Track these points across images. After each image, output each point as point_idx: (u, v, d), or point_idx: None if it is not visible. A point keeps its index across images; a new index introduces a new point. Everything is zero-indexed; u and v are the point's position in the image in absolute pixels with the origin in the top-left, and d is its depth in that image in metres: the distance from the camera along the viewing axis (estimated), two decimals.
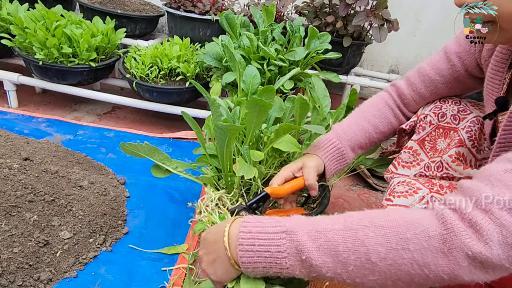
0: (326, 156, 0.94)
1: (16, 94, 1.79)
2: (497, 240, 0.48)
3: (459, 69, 0.89)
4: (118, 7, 1.97)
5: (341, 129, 0.97)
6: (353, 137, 0.96)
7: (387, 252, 0.51)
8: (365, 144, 0.98)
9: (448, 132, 0.90)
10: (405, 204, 0.81)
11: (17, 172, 1.07)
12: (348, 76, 2.11)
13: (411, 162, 0.94)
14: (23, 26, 1.57)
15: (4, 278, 0.86)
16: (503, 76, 0.76)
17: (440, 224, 0.51)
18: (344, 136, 0.96)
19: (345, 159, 0.96)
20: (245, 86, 1.24)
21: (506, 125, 0.69)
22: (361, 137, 0.96)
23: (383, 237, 0.51)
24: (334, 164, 0.95)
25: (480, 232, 0.48)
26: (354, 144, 0.96)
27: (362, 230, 0.53)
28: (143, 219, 1.17)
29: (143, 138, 1.65)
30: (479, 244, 0.48)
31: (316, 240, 0.54)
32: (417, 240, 0.50)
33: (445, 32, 2.26)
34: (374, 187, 1.54)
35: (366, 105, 1.01)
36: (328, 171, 0.95)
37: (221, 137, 0.92)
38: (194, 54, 1.77)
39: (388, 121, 0.98)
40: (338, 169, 0.97)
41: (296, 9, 2.08)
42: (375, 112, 0.98)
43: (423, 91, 0.95)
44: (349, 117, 1.00)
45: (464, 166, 0.84)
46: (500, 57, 0.76)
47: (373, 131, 0.97)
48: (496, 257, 0.48)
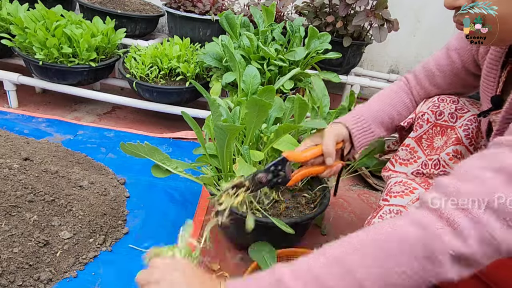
0: (352, 124, 0.90)
1: (16, 94, 1.79)
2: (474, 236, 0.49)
3: (457, 65, 0.90)
4: (118, 7, 1.97)
5: (364, 107, 0.95)
6: (376, 114, 0.94)
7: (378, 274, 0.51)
8: (388, 123, 0.96)
9: (446, 130, 0.90)
10: (401, 204, 0.82)
11: (17, 172, 1.07)
12: (348, 76, 2.11)
13: (408, 159, 0.94)
14: (23, 26, 1.57)
15: (4, 278, 0.86)
16: (497, 74, 0.76)
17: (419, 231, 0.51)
18: (368, 113, 0.94)
19: (372, 131, 0.92)
20: (245, 86, 1.24)
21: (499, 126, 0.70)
22: (383, 115, 0.95)
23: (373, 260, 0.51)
24: (362, 134, 0.91)
25: (458, 230, 0.49)
26: (378, 121, 0.94)
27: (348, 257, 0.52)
28: (143, 219, 1.17)
29: (143, 138, 1.65)
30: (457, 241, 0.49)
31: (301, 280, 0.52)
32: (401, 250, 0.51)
33: (445, 32, 2.26)
34: (374, 187, 1.54)
35: (384, 92, 1.00)
36: (356, 140, 0.90)
37: (221, 137, 0.92)
38: (194, 54, 1.77)
39: (405, 105, 0.98)
40: (366, 141, 0.92)
41: (296, 9, 2.08)
42: (394, 95, 0.98)
43: (426, 85, 0.97)
44: (370, 100, 0.99)
45: None
46: (494, 54, 0.77)
47: (394, 112, 0.96)
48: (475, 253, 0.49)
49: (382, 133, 0.96)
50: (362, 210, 1.41)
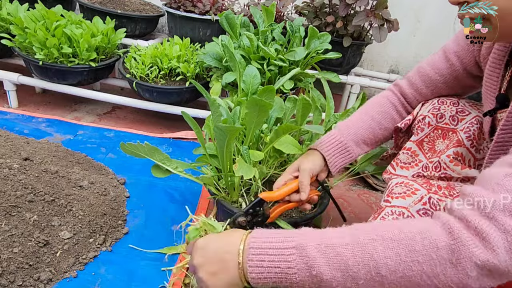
0: (328, 150, 0.94)
1: (16, 94, 1.79)
2: (503, 246, 0.48)
3: (457, 68, 0.89)
4: (118, 7, 1.97)
5: (343, 125, 0.98)
6: (357, 132, 0.96)
7: (397, 265, 0.51)
8: (370, 139, 0.98)
9: (447, 133, 0.90)
10: (403, 205, 0.81)
11: (17, 172, 1.07)
12: (348, 76, 2.11)
13: (410, 163, 0.93)
14: (23, 26, 1.57)
15: (4, 278, 0.86)
16: (500, 73, 0.76)
17: (447, 235, 0.51)
18: (347, 131, 0.96)
19: (349, 152, 0.95)
20: (245, 86, 1.24)
21: (504, 124, 0.69)
22: (364, 132, 0.96)
23: (392, 250, 0.52)
24: (338, 158, 0.94)
25: (486, 239, 0.49)
26: (358, 139, 0.96)
27: (371, 244, 0.53)
28: (143, 219, 1.17)
29: (143, 138, 1.65)
30: (486, 252, 0.49)
31: (326, 255, 0.54)
32: (426, 252, 0.51)
33: (445, 32, 2.25)
34: (374, 187, 1.54)
35: (369, 103, 1.02)
36: (332, 165, 0.94)
37: (221, 138, 0.92)
38: (194, 54, 1.77)
39: (391, 117, 0.99)
40: (343, 163, 0.95)
41: (296, 9, 2.08)
42: (378, 108, 0.99)
43: (424, 91, 0.96)
44: (352, 115, 1.01)
45: (462, 166, 0.83)
46: (498, 54, 0.76)
47: (377, 127, 0.97)
48: (504, 263, 0.48)
49: (363, 151, 0.98)
50: (362, 210, 1.41)
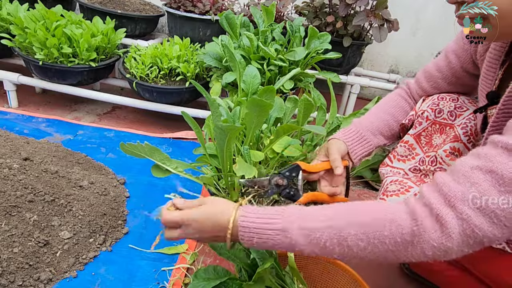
0: (347, 138, 0.97)
1: (16, 94, 1.79)
2: (458, 232, 0.56)
3: (454, 65, 0.93)
4: (118, 7, 1.97)
5: (358, 120, 1.02)
6: (372, 124, 1.00)
7: (366, 245, 0.60)
8: (385, 131, 1.01)
9: (444, 128, 0.92)
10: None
11: (17, 172, 1.07)
12: (348, 76, 2.11)
13: (407, 156, 0.96)
14: (23, 26, 1.57)
15: (4, 278, 0.86)
16: (495, 72, 0.77)
17: (411, 221, 0.59)
18: (362, 124, 1.00)
19: (367, 141, 0.98)
20: (245, 86, 1.24)
21: (494, 120, 0.72)
22: (379, 123, 1.00)
23: (364, 234, 0.60)
24: (358, 146, 0.97)
25: (444, 225, 0.56)
26: (374, 130, 0.99)
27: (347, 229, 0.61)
28: (143, 219, 1.17)
29: (143, 138, 1.65)
30: (442, 236, 0.56)
31: (307, 237, 0.63)
32: (392, 236, 0.59)
33: (445, 32, 2.26)
34: (374, 187, 1.55)
35: (382, 100, 1.07)
36: (352, 153, 0.97)
37: (221, 137, 0.92)
38: (194, 54, 1.76)
39: (403, 109, 1.03)
40: (363, 151, 0.98)
41: (296, 9, 2.08)
42: (391, 103, 1.04)
43: (425, 86, 1.00)
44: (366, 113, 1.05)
45: None
46: (494, 53, 0.77)
47: (391, 119, 1.01)
48: (456, 246, 0.56)
49: (382, 142, 1.01)
50: None
